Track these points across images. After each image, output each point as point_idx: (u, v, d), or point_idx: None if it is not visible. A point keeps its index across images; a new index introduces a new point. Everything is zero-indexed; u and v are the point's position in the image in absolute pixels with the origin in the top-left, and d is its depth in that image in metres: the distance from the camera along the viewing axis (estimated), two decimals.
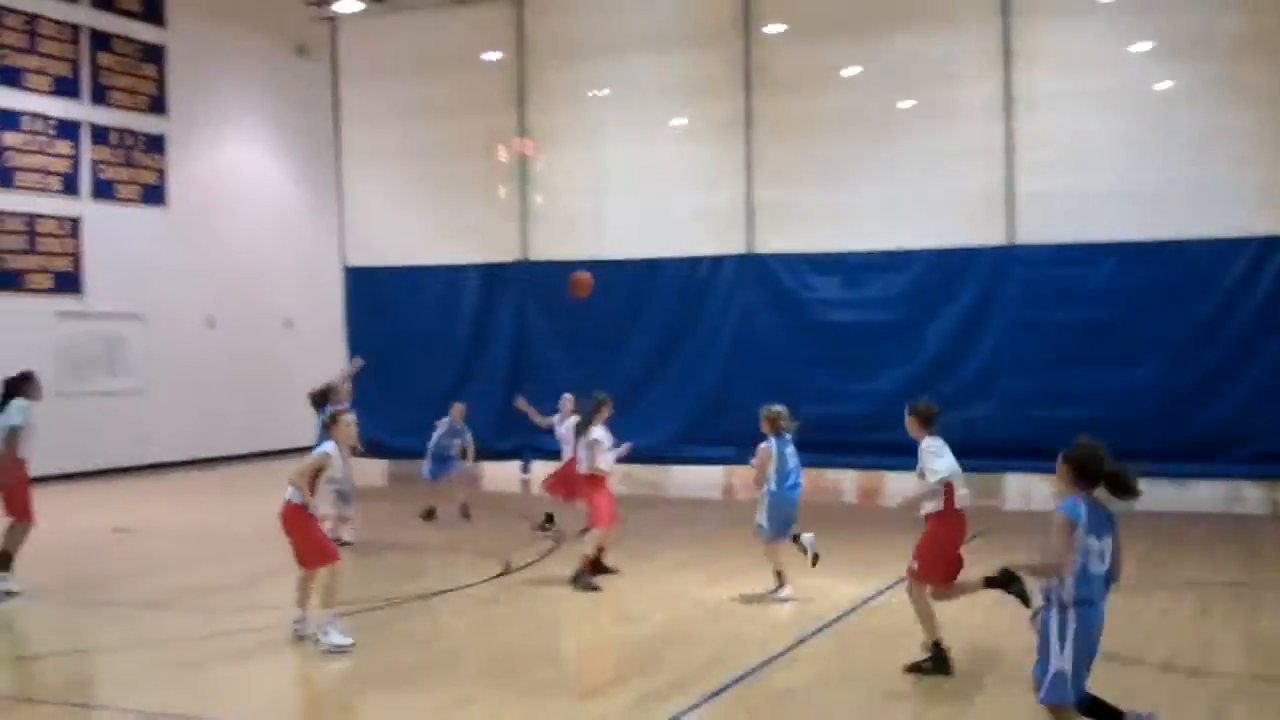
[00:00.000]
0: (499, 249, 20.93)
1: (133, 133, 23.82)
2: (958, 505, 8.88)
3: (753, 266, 19.36)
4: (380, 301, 21.71)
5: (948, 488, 8.81)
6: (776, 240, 19.27)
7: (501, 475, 20.56)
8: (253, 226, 26.21)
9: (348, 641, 9.68)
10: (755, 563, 12.03)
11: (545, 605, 11.57)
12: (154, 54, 24.21)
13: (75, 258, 22.71)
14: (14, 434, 12.09)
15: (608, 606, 11.53)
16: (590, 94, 20.85)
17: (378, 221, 21.82)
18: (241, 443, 25.07)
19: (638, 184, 20.20)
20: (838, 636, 10.25)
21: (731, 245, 19.48)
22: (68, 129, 22.63)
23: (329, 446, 10.19)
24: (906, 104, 18.66)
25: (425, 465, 17.00)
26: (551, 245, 20.60)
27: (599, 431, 12.42)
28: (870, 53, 18.78)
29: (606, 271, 19.95)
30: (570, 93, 20.75)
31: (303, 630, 10.04)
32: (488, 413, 19.00)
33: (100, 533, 16.34)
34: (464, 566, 13.57)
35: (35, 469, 12.53)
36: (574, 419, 13.82)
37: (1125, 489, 6.51)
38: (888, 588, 11.59)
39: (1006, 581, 7.90)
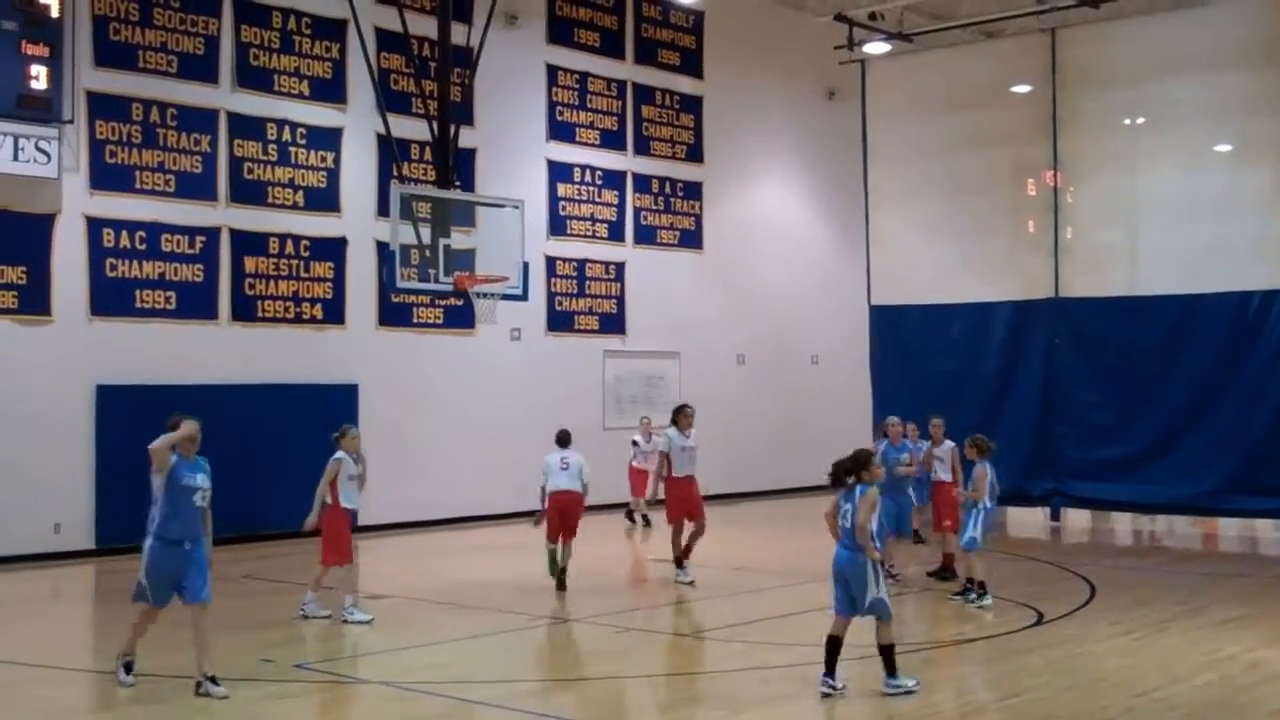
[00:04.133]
0: (1028, 285, 20.36)
1: (672, 180, 25.12)
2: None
3: None
4: (905, 339, 21.67)
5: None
6: None
7: (1028, 520, 19.95)
8: (781, 266, 26.90)
9: None
10: None
11: (1081, 661, 11.06)
12: (692, 105, 25.46)
13: (619, 300, 24.19)
14: (664, 456, 15.13)
15: (1151, 663, 10.86)
16: (1125, 121, 19.96)
17: (904, 259, 21.82)
18: (766, 478, 25.67)
19: (1177, 214, 19.05)
20: None
21: None
22: (613, 179, 24.18)
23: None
24: None
25: None
26: (1083, 280, 19.83)
27: None
28: None
29: (1142, 308, 19.05)
30: (1103, 121, 19.95)
31: None
32: (1016, 455, 18.43)
33: (639, 562, 17.23)
34: (994, 612, 13.20)
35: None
36: (949, 444, 14.95)
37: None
38: None
39: None
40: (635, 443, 20.84)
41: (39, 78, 16.82)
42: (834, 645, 9.40)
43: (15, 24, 16.64)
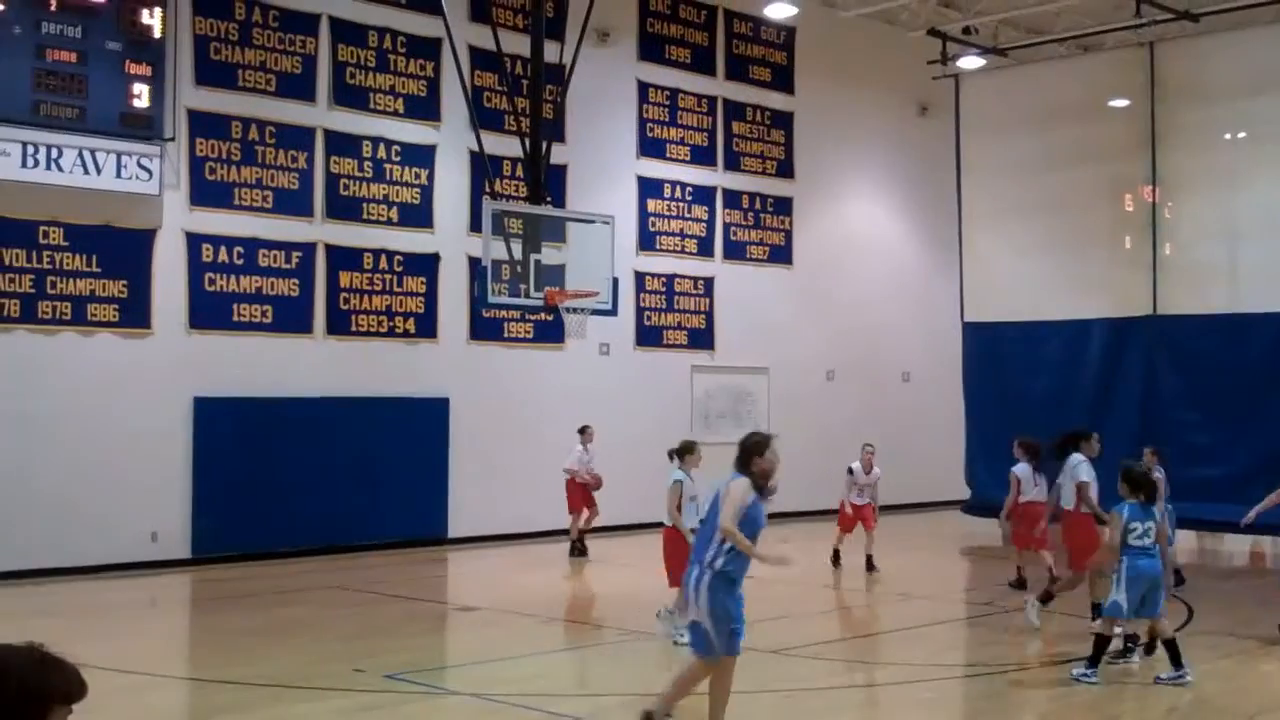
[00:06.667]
0: (1125, 302, 20.04)
1: (762, 196, 25.05)
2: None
3: None
4: (999, 357, 21.40)
5: None
6: None
7: None
8: (872, 282, 26.71)
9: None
10: None
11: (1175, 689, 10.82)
12: (783, 120, 25.39)
13: (708, 315, 24.17)
14: (1084, 488, 13.20)
15: (1251, 688, 10.60)
16: (1225, 136, 19.61)
17: (997, 276, 21.59)
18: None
19: (1279, 230, 18.64)
20: None
21: None
22: (703, 195, 24.18)
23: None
24: None
25: None
26: (1182, 297, 19.47)
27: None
28: None
29: (1244, 325, 18.67)
30: (1203, 136, 19.61)
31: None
32: (1114, 474, 18.02)
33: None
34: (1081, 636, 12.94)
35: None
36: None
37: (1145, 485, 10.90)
38: None
39: None
40: (850, 470, 18.13)
41: (141, 96, 17.20)
42: (1172, 643, 10.52)
43: (119, 44, 17.05)
